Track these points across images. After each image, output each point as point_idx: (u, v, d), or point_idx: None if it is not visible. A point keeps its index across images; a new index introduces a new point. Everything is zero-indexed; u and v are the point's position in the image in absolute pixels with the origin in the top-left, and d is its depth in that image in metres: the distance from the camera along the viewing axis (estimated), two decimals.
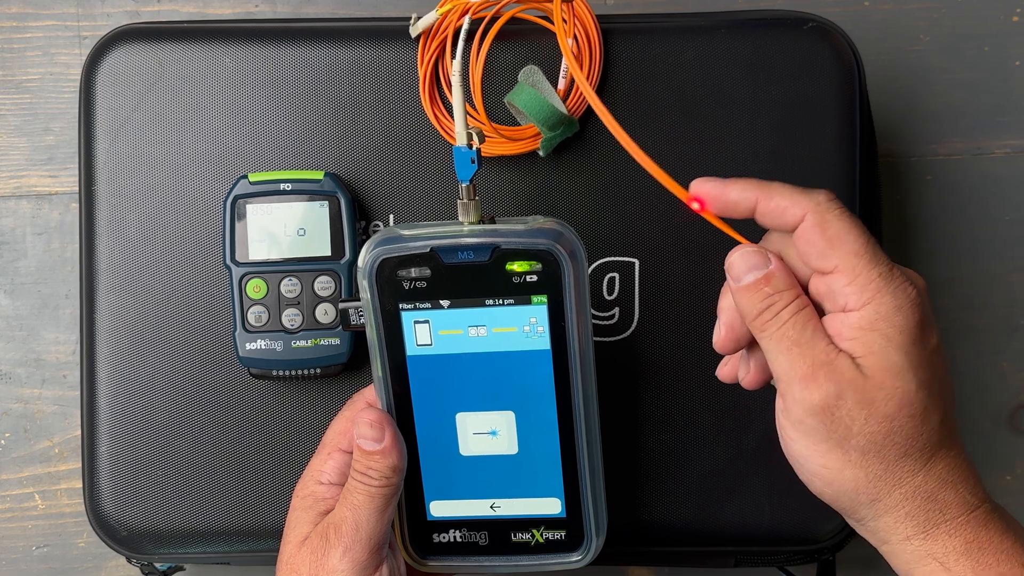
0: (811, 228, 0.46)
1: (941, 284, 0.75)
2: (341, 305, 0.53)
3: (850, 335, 0.46)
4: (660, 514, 0.62)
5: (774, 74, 0.62)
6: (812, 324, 0.47)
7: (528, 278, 0.50)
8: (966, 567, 0.47)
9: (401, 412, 0.53)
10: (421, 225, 0.51)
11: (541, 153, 0.61)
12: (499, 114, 0.61)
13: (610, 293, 0.62)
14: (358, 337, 0.60)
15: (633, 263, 0.62)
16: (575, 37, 0.60)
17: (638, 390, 0.62)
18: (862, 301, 0.46)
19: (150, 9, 0.75)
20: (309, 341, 0.60)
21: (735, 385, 0.62)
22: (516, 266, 0.50)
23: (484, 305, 0.51)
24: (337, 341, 0.60)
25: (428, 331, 0.51)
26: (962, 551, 0.47)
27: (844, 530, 0.63)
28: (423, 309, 0.51)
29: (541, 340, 0.51)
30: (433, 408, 0.53)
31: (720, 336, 0.51)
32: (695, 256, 0.62)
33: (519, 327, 0.51)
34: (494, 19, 0.59)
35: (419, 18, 0.60)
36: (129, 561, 0.66)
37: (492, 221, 0.52)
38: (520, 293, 0.50)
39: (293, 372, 0.60)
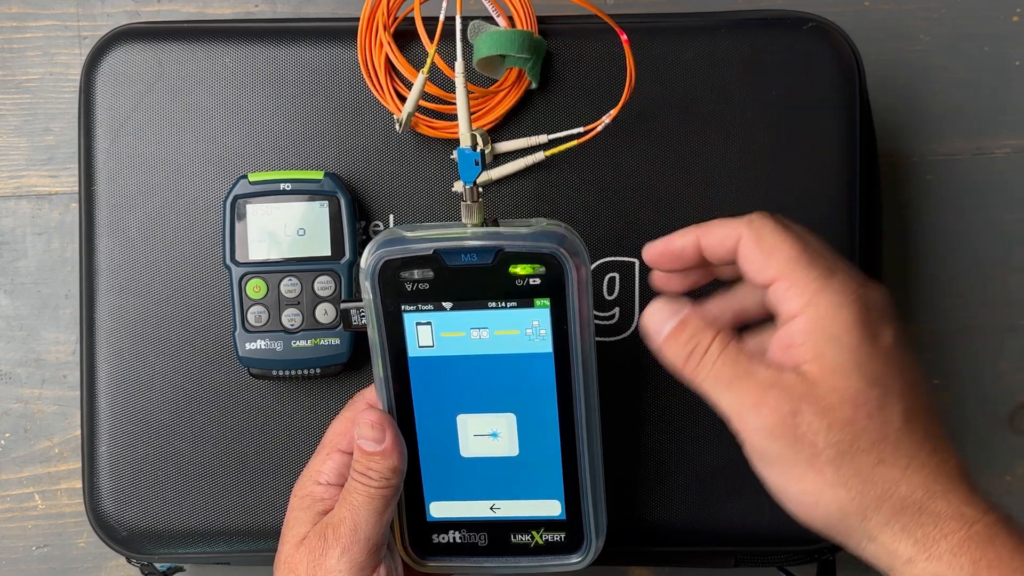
0: (747, 244, 0.47)
1: (941, 284, 0.75)
2: (343, 306, 0.53)
3: (798, 340, 0.45)
4: (660, 514, 0.62)
5: (774, 74, 0.62)
6: (744, 355, 0.46)
7: (531, 281, 0.50)
8: None
9: (402, 413, 0.53)
10: (424, 226, 0.51)
11: (534, 84, 0.61)
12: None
13: (610, 293, 0.62)
14: (358, 337, 0.60)
15: (633, 263, 0.62)
16: None
17: (638, 390, 0.62)
18: (803, 304, 0.45)
19: (150, 9, 0.75)
20: (309, 341, 0.60)
21: None
22: (520, 269, 0.50)
23: (487, 308, 0.51)
24: (337, 341, 0.60)
25: (430, 333, 0.51)
26: (969, 572, 0.43)
27: None
28: (425, 311, 0.51)
29: (543, 343, 0.51)
30: (434, 409, 0.53)
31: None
32: None
33: (521, 330, 0.51)
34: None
35: (401, 117, 0.60)
36: (129, 561, 0.66)
37: (495, 223, 0.51)
38: (523, 296, 0.50)
39: (293, 372, 0.60)
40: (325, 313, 0.60)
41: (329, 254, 0.59)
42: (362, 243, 0.61)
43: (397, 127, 0.59)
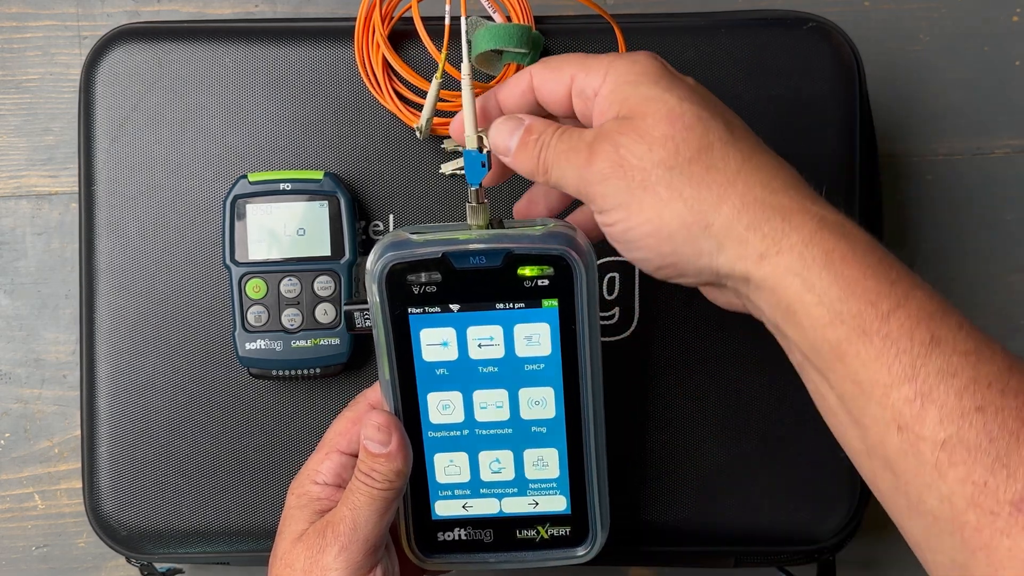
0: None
1: (941, 284, 0.75)
2: (346, 308, 0.53)
3: (604, 106, 0.47)
4: (660, 514, 0.62)
5: (774, 74, 0.62)
6: (575, 131, 0.47)
7: (539, 282, 0.50)
8: (828, 280, 0.42)
9: (408, 414, 0.53)
10: (429, 229, 0.51)
11: None
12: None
13: (610, 293, 0.62)
14: (358, 337, 0.60)
15: None
16: None
17: (638, 390, 0.62)
18: (601, 76, 0.47)
19: (150, 9, 0.75)
20: (309, 341, 0.60)
21: (734, 384, 0.62)
22: (528, 271, 0.49)
23: (494, 309, 0.50)
24: (337, 341, 0.60)
25: (437, 335, 0.51)
26: (823, 263, 0.42)
27: (844, 530, 0.63)
28: (432, 313, 0.51)
29: (551, 343, 0.51)
30: (440, 410, 0.53)
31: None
32: None
33: (529, 331, 0.51)
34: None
35: (422, 124, 0.60)
36: (129, 561, 0.66)
37: (500, 224, 0.51)
38: (531, 297, 0.50)
39: (293, 372, 0.60)
40: (325, 313, 0.60)
41: (329, 254, 0.59)
42: (362, 243, 0.61)
43: (417, 134, 0.59)
